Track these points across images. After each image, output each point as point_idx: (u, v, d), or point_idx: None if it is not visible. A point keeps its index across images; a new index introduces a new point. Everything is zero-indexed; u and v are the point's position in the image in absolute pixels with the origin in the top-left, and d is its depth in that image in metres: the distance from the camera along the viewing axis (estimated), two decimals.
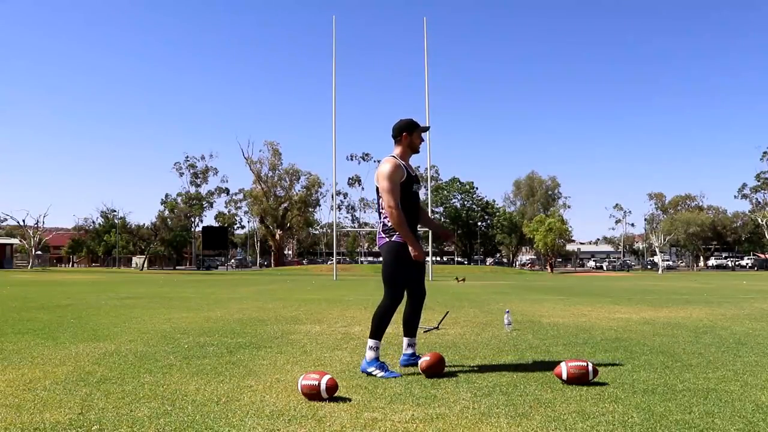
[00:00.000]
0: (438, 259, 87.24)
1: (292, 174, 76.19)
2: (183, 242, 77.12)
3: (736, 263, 79.74)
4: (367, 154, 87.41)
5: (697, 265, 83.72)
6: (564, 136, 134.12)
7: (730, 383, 3.71)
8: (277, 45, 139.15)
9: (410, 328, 4.30)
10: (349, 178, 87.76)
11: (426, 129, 4.30)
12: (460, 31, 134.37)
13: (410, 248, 4.00)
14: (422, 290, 4.26)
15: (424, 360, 3.96)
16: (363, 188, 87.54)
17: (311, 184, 77.40)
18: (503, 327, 6.57)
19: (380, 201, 4.09)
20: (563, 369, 3.67)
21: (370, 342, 4.01)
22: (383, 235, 4.10)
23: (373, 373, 3.91)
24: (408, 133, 4.20)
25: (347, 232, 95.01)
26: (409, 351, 4.31)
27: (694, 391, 3.49)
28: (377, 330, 4.02)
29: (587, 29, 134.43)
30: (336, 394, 3.26)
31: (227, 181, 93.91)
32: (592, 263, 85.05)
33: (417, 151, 4.26)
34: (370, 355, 4.00)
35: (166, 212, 74.79)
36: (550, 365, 4.31)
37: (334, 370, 4.10)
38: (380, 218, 4.17)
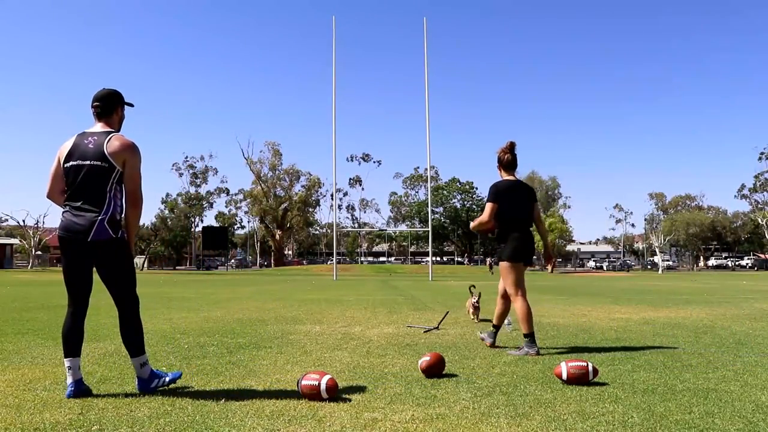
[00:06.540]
0: (438, 259, 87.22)
1: (292, 174, 76.30)
2: (183, 242, 77.19)
3: (736, 263, 79.74)
4: (367, 155, 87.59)
5: (697, 265, 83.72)
6: (564, 136, 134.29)
7: (730, 383, 3.71)
8: (277, 45, 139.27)
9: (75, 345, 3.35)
10: (350, 179, 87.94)
11: (131, 105, 3.60)
12: (460, 31, 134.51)
13: (132, 249, 3.54)
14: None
15: (424, 360, 3.96)
16: (363, 188, 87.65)
17: (311, 185, 77.49)
18: (503, 327, 6.56)
19: (94, 179, 3.28)
20: (563, 369, 3.67)
21: (142, 358, 3.42)
22: (112, 228, 3.34)
23: (160, 384, 3.44)
24: (121, 107, 3.49)
25: (347, 232, 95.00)
26: (80, 376, 3.32)
27: (694, 391, 3.49)
28: (142, 342, 3.45)
29: (587, 29, 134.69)
30: (336, 395, 3.26)
31: (227, 182, 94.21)
32: (592, 263, 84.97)
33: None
34: (146, 372, 3.41)
35: (166, 212, 74.89)
36: (550, 365, 4.31)
37: (334, 370, 4.10)
38: (101, 200, 3.31)
